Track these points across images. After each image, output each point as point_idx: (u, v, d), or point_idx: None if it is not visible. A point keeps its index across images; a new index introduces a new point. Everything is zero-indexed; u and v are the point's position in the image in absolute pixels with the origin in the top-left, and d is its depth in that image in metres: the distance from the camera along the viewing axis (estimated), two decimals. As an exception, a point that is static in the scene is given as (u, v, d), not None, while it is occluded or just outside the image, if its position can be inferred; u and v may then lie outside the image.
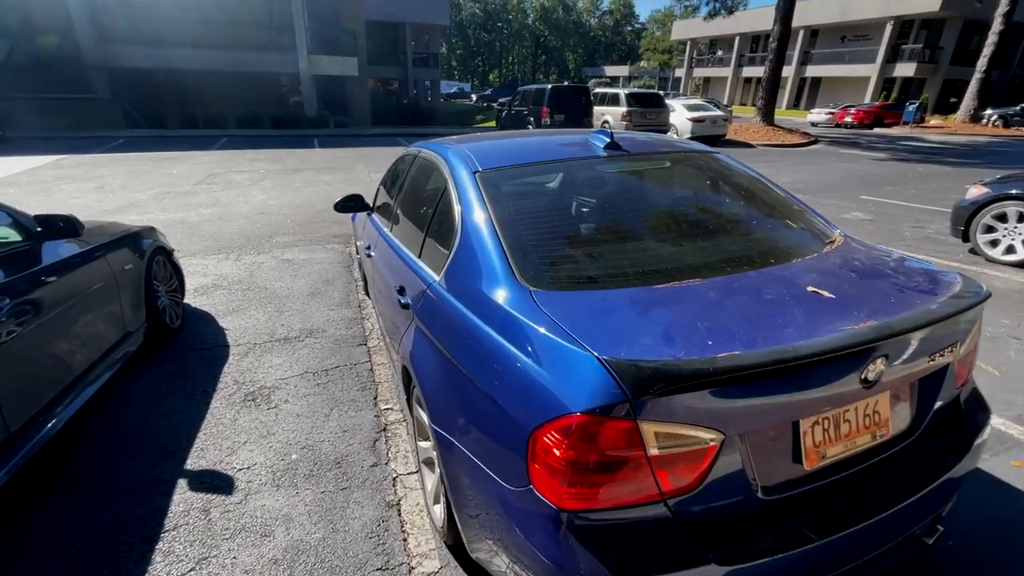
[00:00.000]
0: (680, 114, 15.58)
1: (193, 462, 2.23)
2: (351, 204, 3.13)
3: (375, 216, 2.98)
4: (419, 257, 1.87)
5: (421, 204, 2.12)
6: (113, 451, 2.29)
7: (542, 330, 1.15)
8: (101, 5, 16.34)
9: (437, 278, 1.65)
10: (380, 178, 10.37)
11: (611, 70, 66.26)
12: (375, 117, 22.39)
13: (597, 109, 14.53)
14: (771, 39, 17.38)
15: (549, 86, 13.47)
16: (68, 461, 2.23)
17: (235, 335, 3.48)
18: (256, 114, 18.50)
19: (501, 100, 39.67)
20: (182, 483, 2.10)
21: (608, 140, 1.91)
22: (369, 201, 3.23)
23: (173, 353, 3.22)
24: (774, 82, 17.86)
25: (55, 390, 2.10)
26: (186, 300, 3.94)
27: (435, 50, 33.13)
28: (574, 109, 13.34)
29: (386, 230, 2.49)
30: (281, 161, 11.72)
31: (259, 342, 3.38)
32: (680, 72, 47.30)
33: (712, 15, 22.71)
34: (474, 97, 45.51)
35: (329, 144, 15.18)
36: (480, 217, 1.53)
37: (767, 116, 18.14)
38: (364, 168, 10.94)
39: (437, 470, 1.62)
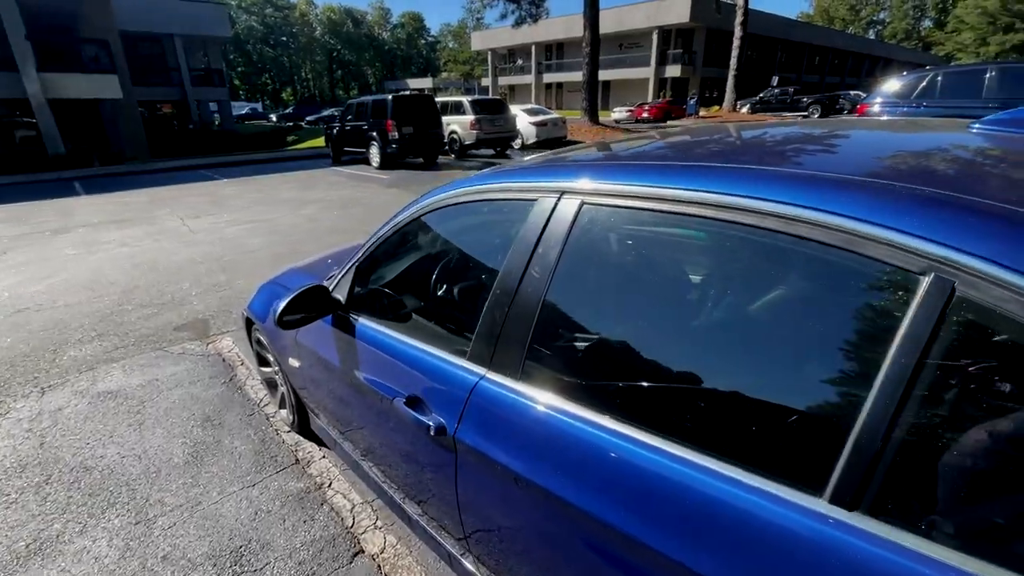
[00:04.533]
0: (522, 119, 15.42)
1: None
2: (315, 306, 1.58)
3: (383, 330, 1.47)
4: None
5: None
6: None
7: None
8: None
9: None
10: (200, 226, 7.69)
11: (414, 83, 65.72)
12: (155, 148, 18.01)
13: (443, 119, 13.45)
14: (584, 44, 18.39)
15: (390, 97, 11.92)
16: None
17: (58, 628, 1.58)
18: (-37, 157, 13.16)
19: (309, 118, 36.01)
20: None
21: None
22: (339, 293, 1.68)
23: None
24: (593, 84, 18.97)
25: None
26: None
27: (218, 66, 28.28)
28: (423, 120, 12.04)
29: (538, 400, 0.98)
30: (30, 220, 8.16)
31: (129, 630, 1.57)
32: (486, 81, 48.86)
33: (519, 23, 23.42)
34: (274, 117, 40.45)
35: (101, 188, 11.36)
36: None
37: (593, 116, 19.21)
38: (171, 215, 8.17)
39: None
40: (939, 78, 8.25)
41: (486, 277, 1.23)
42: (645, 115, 27.80)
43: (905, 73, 9.08)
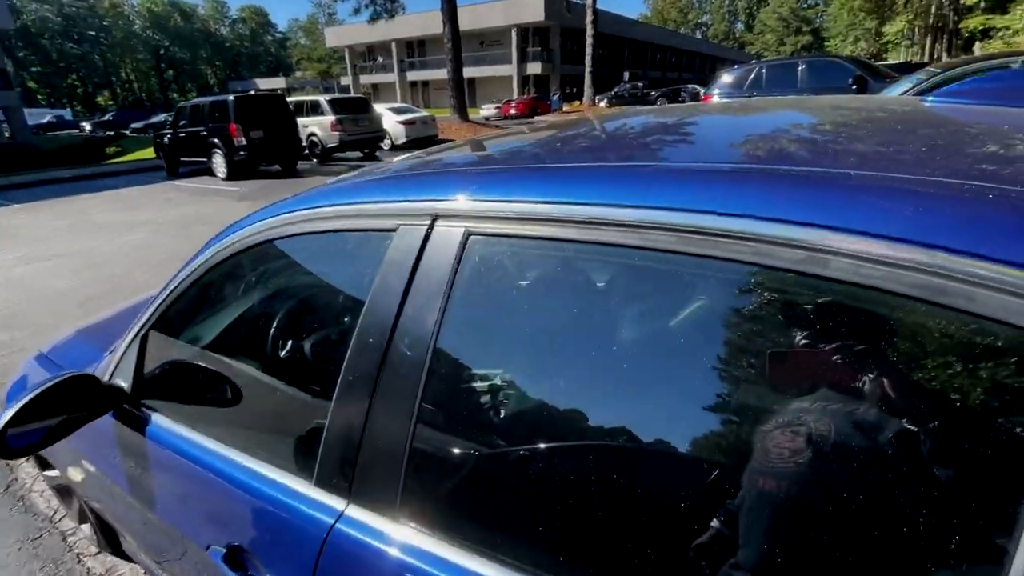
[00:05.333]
0: (389, 118, 14.64)
1: None
2: (76, 405, 1.03)
3: (187, 435, 0.97)
4: None
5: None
6: None
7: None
8: None
9: None
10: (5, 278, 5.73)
11: (264, 83, 60.23)
12: (-89, 169, 14.09)
13: (300, 122, 12.17)
14: (446, 40, 18.04)
15: (232, 97, 10.42)
16: None
17: None
18: None
19: (135, 125, 30.90)
20: None
21: None
22: (121, 377, 1.13)
23: None
24: (459, 81, 18.71)
25: None
26: None
27: (-1, 64, 22.95)
28: (274, 122, 10.72)
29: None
30: None
31: None
32: (347, 80, 46.25)
33: (374, 19, 22.35)
34: (87, 125, 34.08)
35: None
36: None
37: (462, 113, 18.96)
38: (-69, 256, 6.24)
39: None
40: (763, 71, 9.30)
41: (332, 355, 0.81)
42: (513, 111, 28.35)
43: (735, 67, 10.14)
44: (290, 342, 1.06)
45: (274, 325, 1.03)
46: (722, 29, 76.94)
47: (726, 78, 9.82)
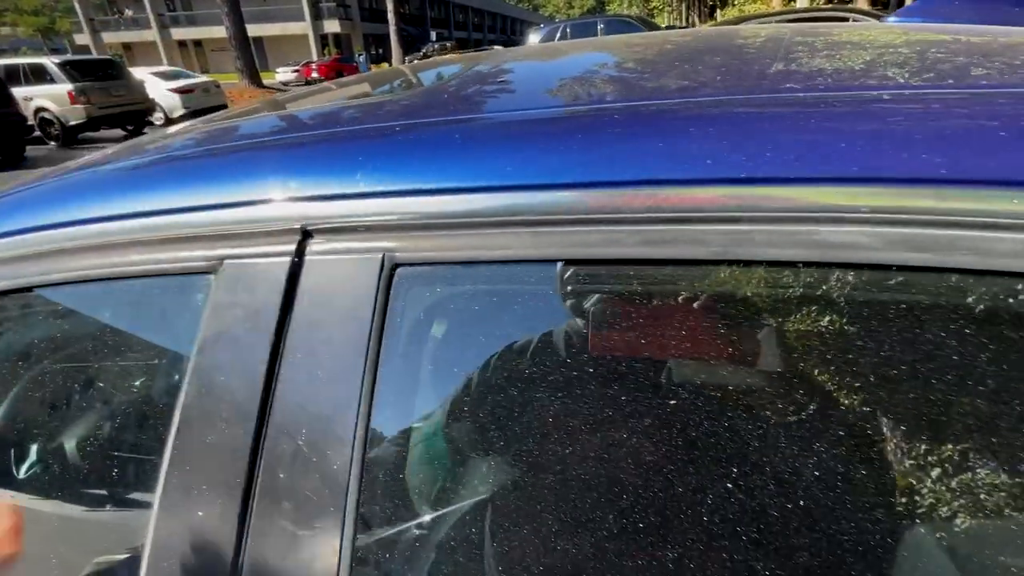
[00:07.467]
0: (156, 85, 11.88)
1: None
2: None
3: None
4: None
5: None
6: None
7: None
8: None
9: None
10: None
11: (-51, 42, 44.32)
12: None
13: (18, 92, 9.05)
14: (216, -12, 15.16)
15: None
16: None
17: None
18: None
19: None
20: None
21: None
22: None
23: None
24: (243, 39, 16.04)
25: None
26: None
27: None
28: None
29: None
30: None
31: None
32: (84, 39, 36.43)
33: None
34: None
35: None
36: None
37: (253, 78, 16.41)
38: None
39: None
40: (568, 29, 9.75)
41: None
42: (315, 75, 25.60)
43: (543, 26, 10.45)
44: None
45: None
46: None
47: (534, 37, 10.05)
